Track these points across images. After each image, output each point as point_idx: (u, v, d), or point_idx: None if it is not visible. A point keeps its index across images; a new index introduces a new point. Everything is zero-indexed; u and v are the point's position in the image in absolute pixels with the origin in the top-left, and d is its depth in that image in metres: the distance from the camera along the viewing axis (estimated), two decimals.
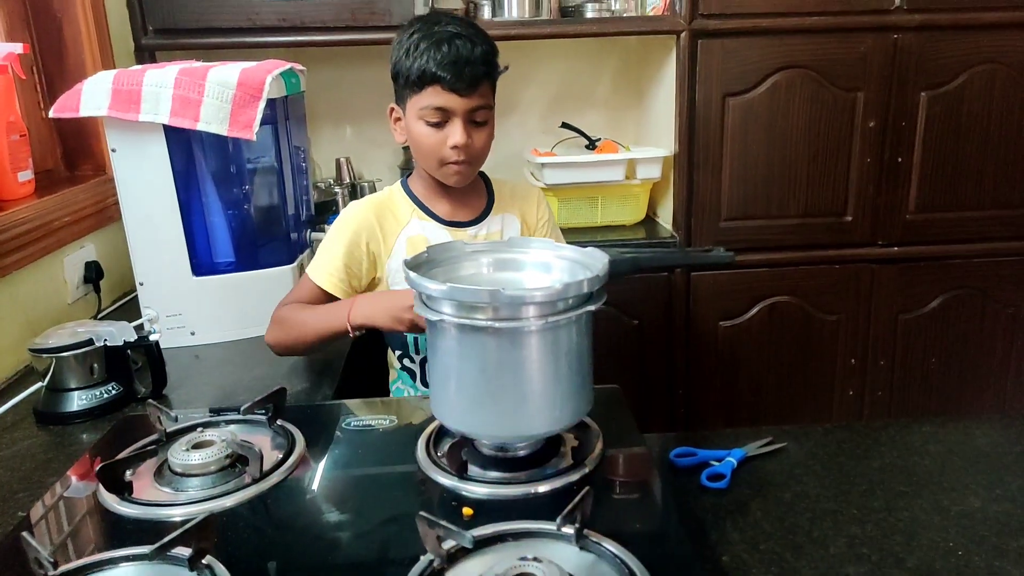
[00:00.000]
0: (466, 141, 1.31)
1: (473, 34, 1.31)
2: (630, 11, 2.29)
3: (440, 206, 1.44)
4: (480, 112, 1.32)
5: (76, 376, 1.22)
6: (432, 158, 1.35)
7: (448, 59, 1.27)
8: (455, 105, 1.29)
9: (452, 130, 1.31)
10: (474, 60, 1.28)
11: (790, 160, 2.13)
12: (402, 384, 1.50)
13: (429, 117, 1.31)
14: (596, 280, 0.82)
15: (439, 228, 1.43)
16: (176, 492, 0.85)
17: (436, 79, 1.28)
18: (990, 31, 2.09)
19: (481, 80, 1.30)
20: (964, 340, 2.28)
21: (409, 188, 1.46)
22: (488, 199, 1.49)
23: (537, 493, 0.82)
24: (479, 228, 1.45)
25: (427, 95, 1.30)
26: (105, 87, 1.35)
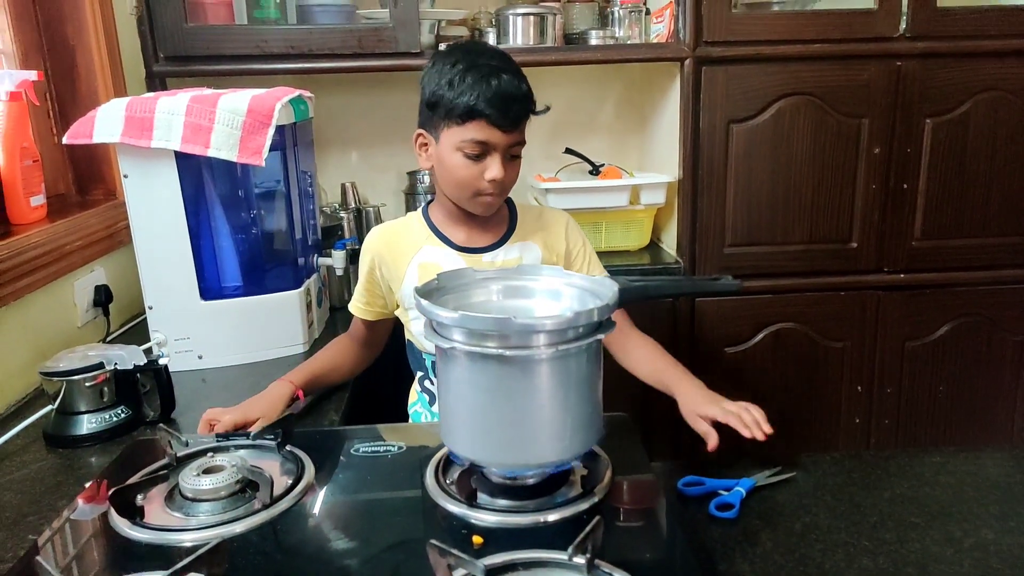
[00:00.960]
0: (505, 176, 1.32)
1: (515, 69, 1.32)
2: (634, 38, 2.31)
3: (457, 232, 1.43)
4: (517, 147, 1.33)
5: (86, 399, 1.23)
6: (466, 189, 1.34)
7: (496, 95, 1.27)
8: (497, 140, 1.29)
9: (491, 164, 1.31)
10: (520, 97, 1.29)
11: (795, 186, 2.14)
12: (420, 407, 1.50)
13: (469, 149, 1.30)
14: (606, 309, 0.82)
15: (452, 254, 1.42)
16: (187, 517, 0.86)
17: (483, 114, 1.27)
18: (993, 58, 2.10)
19: (524, 117, 1.32)
20: (972, 368, 2.27)
21: (428, 214, 1.46)
22: (510, 226, 1.47)
23: (547, 522, 0.82)
24: (495, 255, 1.43)
25: (470, 129, 1.29)
26: (118, 114, 1.37)
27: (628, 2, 2.31)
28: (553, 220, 1.51)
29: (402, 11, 2.04)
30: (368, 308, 1.45)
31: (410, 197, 2.50)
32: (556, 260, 1.47)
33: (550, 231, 1.49)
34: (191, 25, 1.96)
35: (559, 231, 1.49)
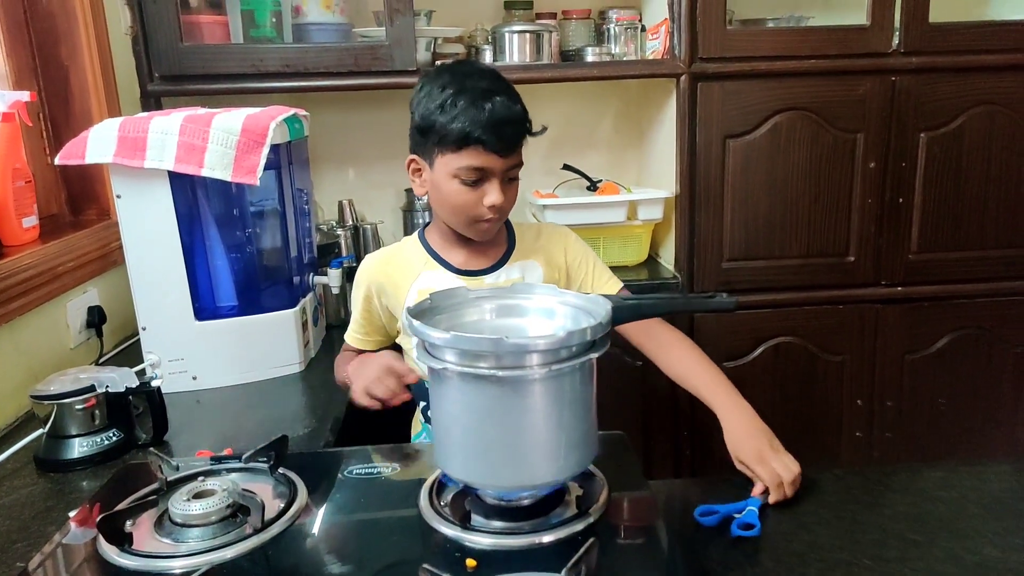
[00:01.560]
0: (503, 201, 1.29)
1: (507, 89, 1.29)
2: (630, 55, 2.32)
3: (455, 255, 1.41)
4: (514, 170, 1.31)
5: (77, 423, 1.21)
6: (464, 215, 1.31)
7: (490, 120, 1.23)
8: (494, 165, 1.26)
9: (489, 190, 1.28)
10: (515, 120, 1.27)
11: (791, 201, 2.14)
12: (425, 438, 1.49)
13: (465, 176, 1.27)
14: (599, 328, 0.82)
15: (451, 277, 1.39)
16: (176, 543, 0.84)
17: (479, 141, 1.24)
18: (987, 73, 2.11)
19: (520, 140, 1.29)
20: (972, 380, 2.26)
21: (425, 238, 1.44)
22: (508, 246, 1.44)
23: (541, 544, 0.81)
24: (495, 276, 1.40)
25: (466, 156, 1.26)
26: (111, 134, 1.36)
27: (624, 19, 2.32)
28: (552, 236, 1.49)
29: (398, 29, 2.04)
30: (368, 339, 1.44)
31: (408, 214, 2.50)
32: (558, 276, 1.45)
33: (550, 248, 1.46)
34: (186, 44, 1.96)
35: (559, 247, 1.47)
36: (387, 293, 1.40)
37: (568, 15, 2.42)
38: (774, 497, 1.06)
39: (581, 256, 1.48)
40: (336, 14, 2.14)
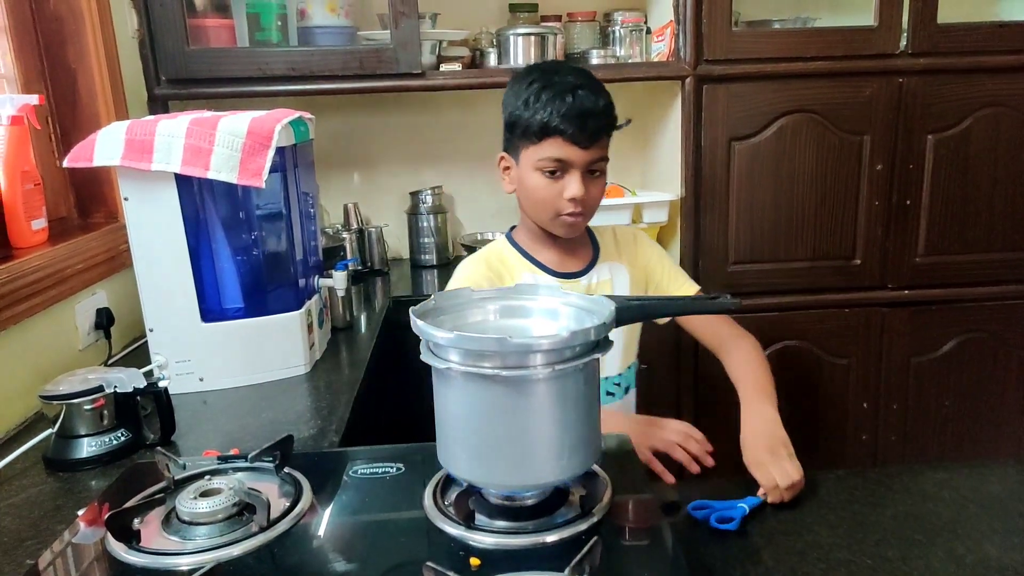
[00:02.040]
0: (584, 195, 1.29)
1: (593, 85, 1.30)
2: (635, 57, 2.32)
3: (548, 256, 1.43)
4: (598, 164, 1.31)
5: (86, 423, 1.22)
6: (547, 209, 1.33)
7: (571, 111, 1.25)
8: (575, 157, 1.28)
9: (570, 182, 1.29)
10: (597, 112, 1.27)
11: (797, 203, 2.14)
12: None
13: (547, 168, 1.29)
14: (603, 328, 0.82)
15: (551, 280, 1.41)
16: (184, 541, 0.85)
17: (558, 131, 1.26)
18: (994, 74, 2.11)
19: (602, 133, 1.29)
20: (978, 384, 2.26)
21: (515, 241, 1.46)
22: (594, 248, 1.46)
23: (545, 543, 0.81)
24: (589, 278, 1.42)
25: (547, 147, 1.28)
26: (118, 137, 1.37)
27: (629, 21, 2.33)
28: (628, 236, 1.50)
29: (403, 32, 2.05)
30: None
31: (412, 217, 2.51)
32: (643, 278, 1.47)
33: (628, 247, 1.48)
34: (193, 48, 1.98)
35: (634, 246, 1.49)
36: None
37: (573, 17, 2.43)
38: (770, 499, 1.08)
39: (657, 256, 1.50)
40: (341, 17, 2.16)
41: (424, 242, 2.52)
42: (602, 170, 1.33)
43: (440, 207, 2.51)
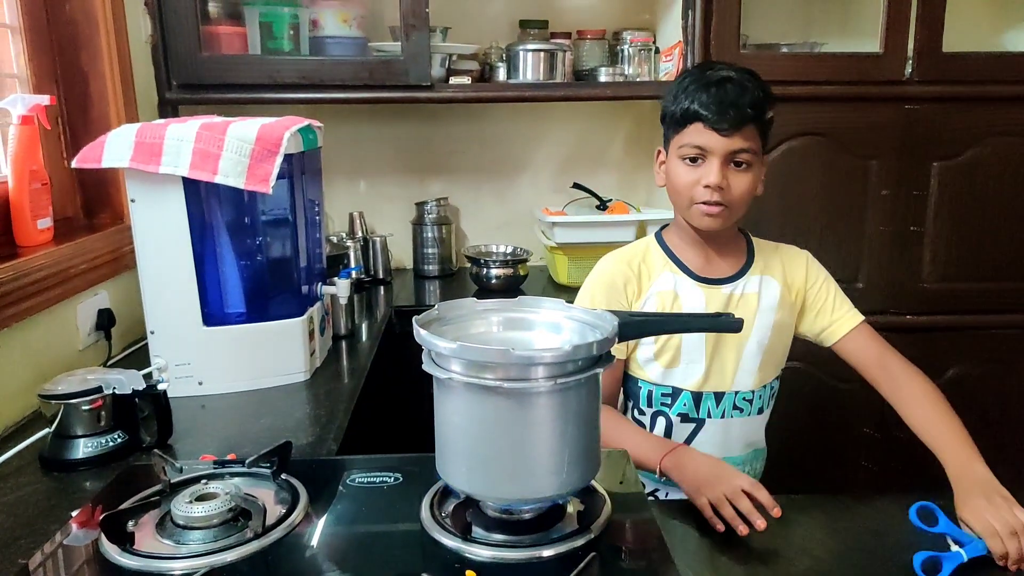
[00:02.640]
0: (720, 182, 1.28)
1: (747, 79, 1.30)
2: (643, 76, 2.33)
3: (694, 259, 1.42)
4: (741, 155, 1.29)
5: (83, 423, 1.22)
6: (684, 197, 1.34)
7: (714, 98, 1.27)
8: (714, 144, 1.28)
9: (708, 169, 1.29)
10: (740, 102, 1.27)
11: (803, 226, 2.14)
12: None
13: (687, 154, 1.31)
14: (605, 343, 0.82)
15: (692, 284, 1.41)
16: (178, 545, 0.84)
17: (698, 116, 1.28)
18: (1002, 104, 2.12)
19: (745, 122, 1.27)
20: (982, 412, 2.24)
21: (663, 239, 1.46)
22: (748, 257, 1.44)
23: (541, 558, 0.81)
24: (734, 287, 1.41)
25: (688, 133, 1.30)
26: (128, 139, 1.37)
27: (638, 40, 2.34)
28: (793, 255, 1.48)
29: (413, 45, 2.06)
30: None
31: (417, 228, 2.51)
32: (794, 298, 1.44)
33: (790, 266, 1.46)
34: (205, 55, 1.99)
35: (799, 267, 1.46)
36: (633, 289, 1.42)
37: (583, 35, 2.44)
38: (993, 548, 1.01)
39: (822, 282, 1.46)
40: (353, 28, 2.17)
41: (428, 253, 2.52)
42: (748, 162, 1.30)
43: (445, 218, 2.51)
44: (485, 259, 2.36)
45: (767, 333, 1.40)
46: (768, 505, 1.06)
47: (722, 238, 1.42)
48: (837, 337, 1.43)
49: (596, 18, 2.50)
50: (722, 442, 1.41)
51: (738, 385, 1.41)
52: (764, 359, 1.41)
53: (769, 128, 1.33)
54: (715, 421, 1.41)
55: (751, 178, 1.31)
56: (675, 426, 1.43)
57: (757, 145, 1.30)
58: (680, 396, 1.41)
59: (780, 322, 1.42)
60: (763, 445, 1.50)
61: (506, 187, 2.64)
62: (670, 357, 1.41)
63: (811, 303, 1.45)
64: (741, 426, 1.43)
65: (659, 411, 1.44)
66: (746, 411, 1.42)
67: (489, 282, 2.31)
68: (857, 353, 1.42)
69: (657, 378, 1.43)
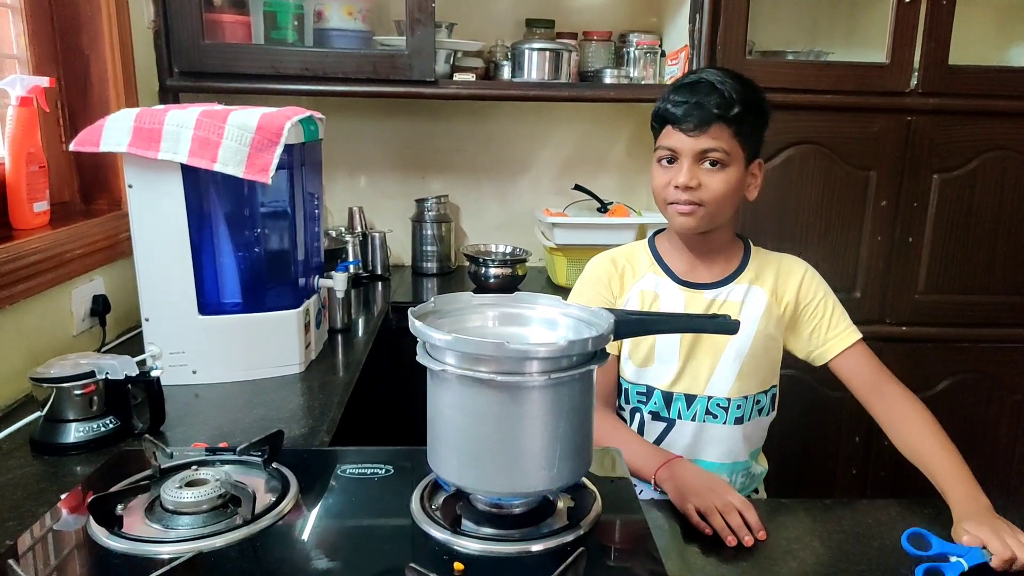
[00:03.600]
0: (688, 181, 1.28)
1: (722, 80, 1.28)
2: (648, 79, 2.33)
3: (679, 263, 1.42)
4: (711, 154, 1.28)
5: (75, 408, 1.21)
6: (660, 198, 1.35)
7: (681, 99, 1.28)
8: (682, 144, 1.29)
9: (677, 170, 1.30)
10: (706, 103, 1.26)
11: (801, 233, 2.14)
12: None
13: (661, 156, 1.33)
14: (601, 339, 0.82)
15: (673, 286, 1.41)
16: (166, 529, 0.84)
17: (667, 119, 1.30)
18: (1003, 118, 2.12)
19: (710, 121, 1.26)
20: (970, 424, 2.26)
21: (653, 243, 1.47)
22: (740, 265, 1.42)
23: (530, 552, 0.81)
24: (717, 293, 1.40)
25: (663, 135, 1.33)
26: (127, 124, 1.37)
27: (644, 43, 2.34)
28: (791, 268, 1.45)
29: (419, 40, 2.06)
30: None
31: (416, 225, 2.51)
32: (782, 311, 1.42)
33: (784, 278, 1.43)
34: (207, 42, 1.99)
35: (793, 281, 1.43)
36: (615, 283, 1.43)
37: (589, 36, 2.44)
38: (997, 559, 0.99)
39: (820, 297, 1.43)
40: (358, 21, 2.17)
41: (427, 250, 2.52)
42: (720, 161, 1.29)
43: (445, 216, 2.51)
44: (484, 258, 2.36)
45: (747, 343, 1.39)
46: (755, 527, 1.05)
47: (710, 243, 1.40)
48: (831, 356, 1.40)
49: (603, 19, 2.50)
50: (692, 444, 1.40)
51: (711, 390, 1.40)
52: (744, 369, 1.39)
53: (748, 129, 1.31)
54: (686, 423, 1.40)
55: (724, 178, 1.29)
56: (647, 423, 1.43)
57: (730, 146, 1.29)
58: (652, 394, 1.42)
59: (763, 333, 1.40)
60: (746, 459, 1.45)
61: (507, 187, 2.64)
62: (643, 356, 1.41)
63: (806, 320, 1.43)
64: (715, 432, 1.41)
65: (636, 407, 1.45)
66: (720, 418, 1.40)
67: (487, 281, 2.31)
68: (851, 374, 1.40)
69: (632, 376, 1.43)
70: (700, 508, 1.08)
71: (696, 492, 1.11)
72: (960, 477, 1.16)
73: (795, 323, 1.44)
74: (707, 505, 1.08)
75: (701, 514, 1.08)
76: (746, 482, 1.46)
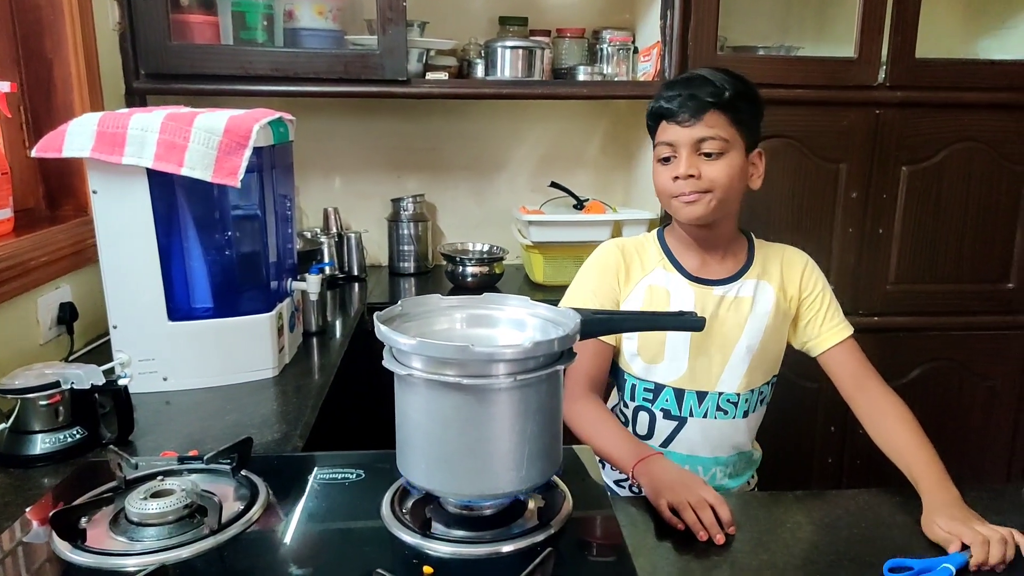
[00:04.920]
0: (688, 170, 1.28)
1: (715, 73, 1.29)
2: (621, 75, 2.33)
3: (689, 259, 1.41)
4: (708, 143, 1.28)
5: (40, 419, 1.19)
6: (664, 195, 1.34)
7: (677, 92, 1.28)
8: (678, 137, 1.29)
9: (676, 162, 1.30)
10: (698, 94, 1.27)
11: (773, 227, 2.15)
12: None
13: (661, 154, 1.32)
14: (566, 339, 0.82)
15: (684, 282, 1.40)
16: (131, 541, 0.83)
17: (663, 114, 1.30)
18: (970, 110, 2.14)
19: (704, 109, 1.27)
20: (942, 412, 2.28)
21: (663, 237, 1.45)
22: (747, 260, 1.43)
23: (500, 553, 0.81)
24: (727, 289, 1.40)
25: (659, 132, 1.33)
26: (90, 129, 1.35)
27: (617, 40, 2.34)
28: (793, 260, 1.45)
29: (390, 39, 2.05)
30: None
31: (393, 224, 2.50)
32: (788, 304, 1.43)
33: (788, 271, 1.44)
34: (175, 43, 1.96)
35: (795, 273, 1.44)
36: (623, 273, 1.42)
37: (562, 33, 2.44)
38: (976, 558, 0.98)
39: (818, 291, 1.43)
40: (329, 21, 2.15)
41: (404, 250, 2.51)
42: (719, 150, 1.29)
43: (421, 215, 2.50)
44: (461, 257, 2.35)
45: (758, 337, 1.40)
46: (726, 522, 1.05)
47: (717, 238, 1.40)
48: (822, 349, 1.42)
49: (576, 16, 2.49)
50: (703, 441, 1.41)
51: (723, 386, 1.40)
52: (753, 363, 1.40)
53: (745, 117, 1.31)
54: (697, 420, 1.41)
55: (724, 165, 1.29)
56: (658, 422, 1.43)
57: (728, 132, 1.29)
58: (662, 392, 1.41)
59: (772, 327, 1.41)
60: (749, 448, 1.49)
61: (484, 185, 2.63)
62: (653, 353, 1.41)
63: (804, 311, 1.44)
64: (724, 428, 1.42)
65: (641, 406, 1.44)
66: (731, 413, 1.42)
67: (465, 280, 2.30)
68: (839, 367, 1.41)
69: (640, 373, 1.43)
70: (673, 503, 1.08)
71: (670, 488, 1.11)
72: (932, 469, 1.18)
73: (796, 315, 1.45)
74: (679, 500, 1.08)
75: (674, 510, 1.08)
76: (746, 468, 1.50)
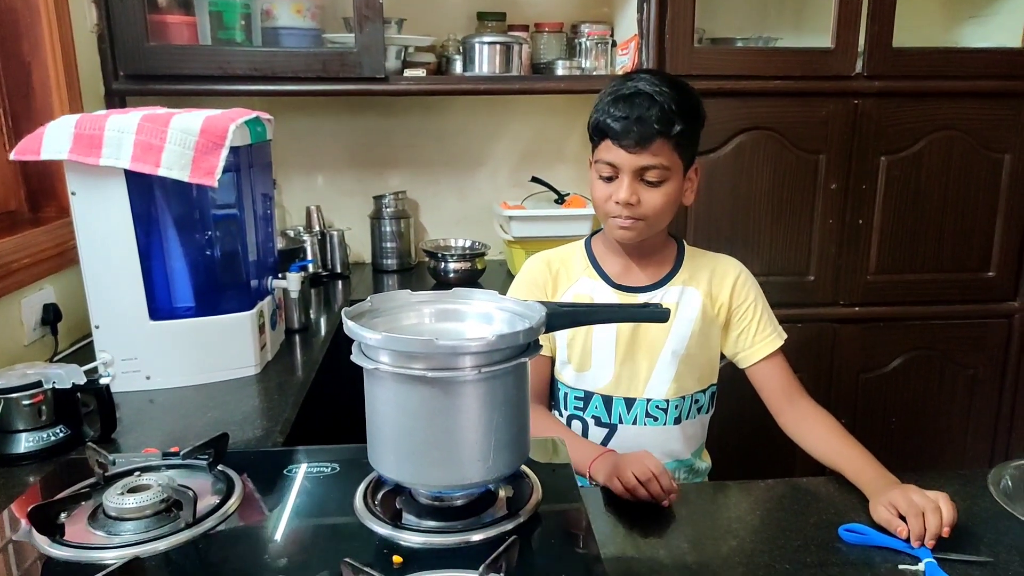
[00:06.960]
0: (629, 199, 1.28)
1: (660, 92, 1.26)
2: (600, 69, 2.34)
3: (613, 266, 1.42)
4: (652, 172, 1.28)
5: (24, 418, 1.21)
6: (600, 210, 1.34)
7: (620, 114, 1.25)
8: (622, 161, 1.28)
9: (618, 186, 1.29)
10: (647, 118, 1.24)
11: (754, 220, 2.17)
12: None
13: (602, 171, 1.31)
14: (531, 332, 0.83)
15: (608, 289, 1.41)
16: (109, 535, 0.84)
17: (607, 133, 1.28)
18: (948, 99, 2.15)
19: (651, 139, 1.25)
20: (923, 400, 2.30)
21: (589, 245, 1.46)
22: (674, 267, 1.43)
23: (469, 543, 0.82)
24: (651, 295, 1.40)
25: (601, 149, 1.31)
26: (67, 131, 1.36)
27: (595, 34, 2.35)
28: (725, 268, 1.45)
29: (367, 36, 2.06)
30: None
31: (376, 222, 2.51)
32: (717, 312, 1.43)
33: (718, 279, 1.43)
34: (152, 44, 1.97)
35: (727, 283, 1.43)
36: (550, 287, 1.43)
37: (540, 28, 2.45)
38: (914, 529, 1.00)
39: (750, 301, 1.43)
40: (307, 19, 2.16)
41: (386, 247, 2.52)
42: (660, 179, 1.29)
43: (403, 212, 2.51)
44: (443, 253, 2.36)
45: (683, 343, 1.40)
46: (667, 489, 1.09)
47: (645, 247, 1.41)
48: (751, 362, 1.42)
49: (554, 10, 2.50)
50: (635, 448, 1.38)
51: (650, 392, 1.41)
52: (681, 369, 1.40)
53: (687, 140, 1.31)
54: (627, 427, 1.42)
55: (664, 192, 1.30)
56: (591, 429, 1.44)
57: (671, 160, 1.29)
58: (592, 400, 1.43)
59: (699, 333, 1.41)
60: (688, 457, 1.47)
61: (465, 181, 2.65)
62: (581, 360, 1.42)
63: (735, 322, 1.44)
64: (656, 435, 1.42)
65: (573, 415, 1.45)
66: (660, 420, 1.42)
67: (447, 276, 2.32)
68: (765, 381, 1.42)
69: (571, 381, 1.44)
70: (624, 483, 1.11)
71: (619, 468, 1.14)
72: (866, 463, 1.20)
73: (727, 324, 1.45)
74: (627, 477, 1.11)
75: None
76: (690, 478, 1.49)
